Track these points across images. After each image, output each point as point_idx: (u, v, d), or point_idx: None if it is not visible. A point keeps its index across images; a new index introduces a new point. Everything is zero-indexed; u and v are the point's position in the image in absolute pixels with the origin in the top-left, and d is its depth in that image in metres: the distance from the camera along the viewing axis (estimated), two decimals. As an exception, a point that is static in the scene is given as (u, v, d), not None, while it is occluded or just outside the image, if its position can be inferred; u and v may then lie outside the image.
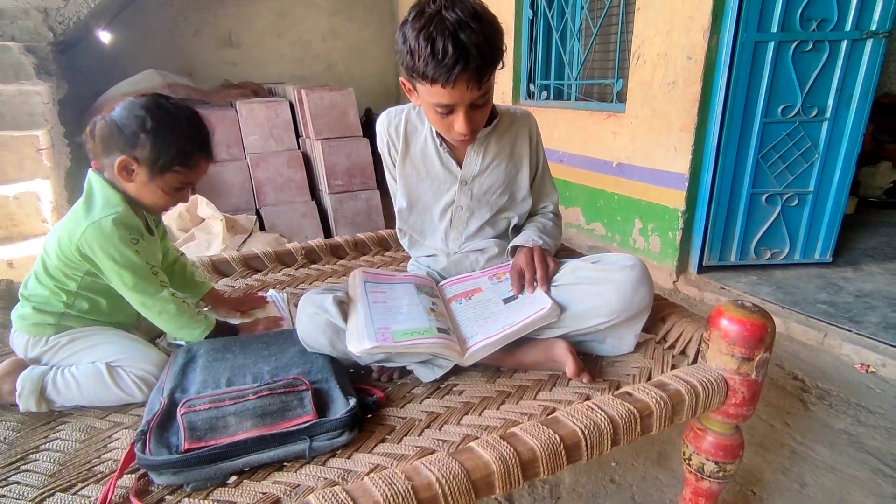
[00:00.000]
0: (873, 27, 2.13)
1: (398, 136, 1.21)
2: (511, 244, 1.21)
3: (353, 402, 0.87)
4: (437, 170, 1.21)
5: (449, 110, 0.99)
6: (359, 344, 0.92)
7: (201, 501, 0.73)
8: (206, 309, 1.30)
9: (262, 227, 3.05)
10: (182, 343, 1.11)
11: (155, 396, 0.91)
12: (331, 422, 0.83)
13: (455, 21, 0.88)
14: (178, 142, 1.01)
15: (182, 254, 1.29)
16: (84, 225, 0.96)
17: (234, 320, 1.23)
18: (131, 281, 0.99)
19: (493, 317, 1.05)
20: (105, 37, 3.99)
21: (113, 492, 0.73)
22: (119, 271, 0.98)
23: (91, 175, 1.02)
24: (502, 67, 1.00)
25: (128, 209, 1.00)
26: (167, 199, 1.06)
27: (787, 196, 2.39)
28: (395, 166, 1.24)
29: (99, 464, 0.82)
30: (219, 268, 1.56)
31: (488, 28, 0.91)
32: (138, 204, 1.04)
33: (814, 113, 2.25)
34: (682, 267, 2.57)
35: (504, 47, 0.98)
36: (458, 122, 1.00)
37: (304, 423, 0.82)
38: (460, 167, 1.20)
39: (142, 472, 0.77)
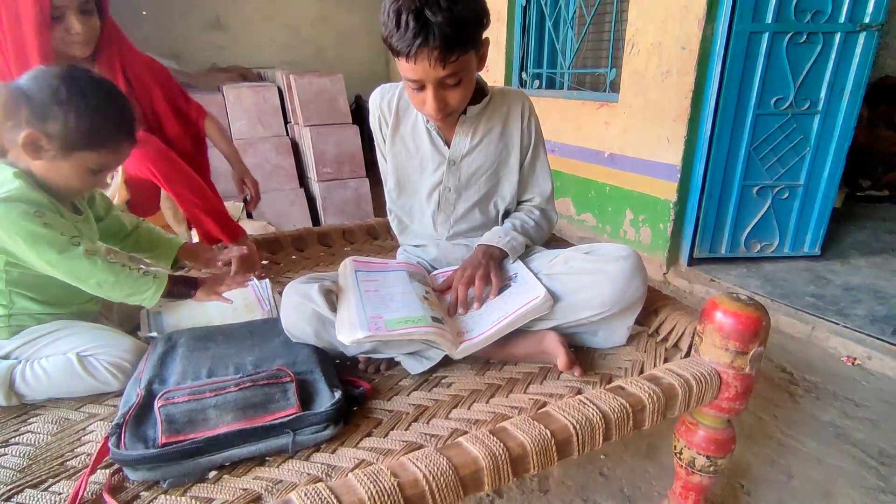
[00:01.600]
0: (867, 20, 2.12)
1: (390, 112, 1.19)
2: (478, 242, 1.17)
3: (338, 394, 0.84)
4: (426, 149, 1.18)
5: (419, 86, 0.98)
6: (350, 334, 0.89)
7: (178, 498, 0.70)
8: (185, 269, 1.24)
9: (249, 215, 3.00)
10: (155, 334, 1.08)
11: (132, 388, 0.87)
12: (315, 415, 0.80)
13: None
14: (95, 117, 0.90)
15: (141, 220, 1.23)
16: None
17: (206, 272, 1.18)
18: (49, 257, 0.89)
19: (486, 307, 1.03)
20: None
21: (85, 488, 0.69)
22: (32, 249, 0.88)
23: None
24: (477, 51, 0.99)
25: (27, 187, 0.90)
26: (80, 183, 0.96)
27: (777, 189, 2.39)
28: (385, 143, 1.22)
29: (72, 458, 0.78)
30: (202, 255, 1.52)
31: (461, 9, 0.90)
32: (47, 186, 0.94)
33: (806, 105, 2.25)
34: (672, 259, 2.56)
35: (480, 30, 0.97)
36: (428, 100, 0.99)
37: (288, 416, 0.79)
38: (449, 147, 1.17)
39: (116, 467, 0.74)
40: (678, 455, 1.03)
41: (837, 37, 2.14)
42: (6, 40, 1.17)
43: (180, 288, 1.02)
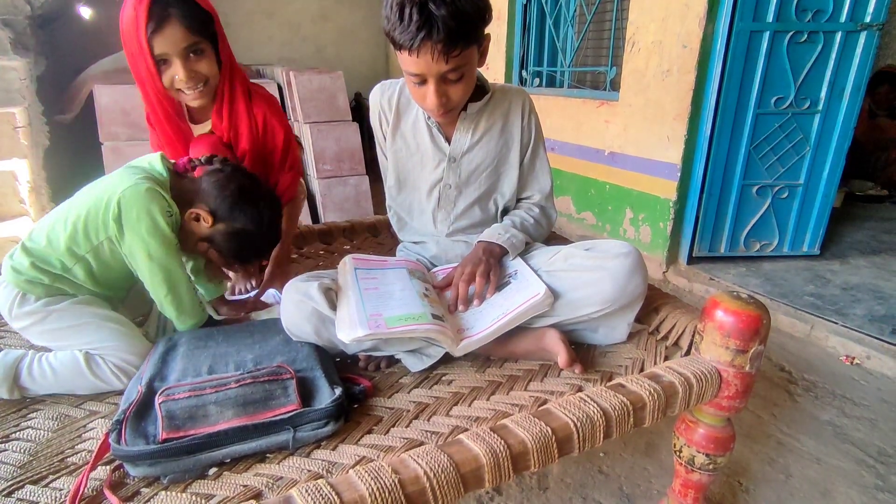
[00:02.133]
0: (867, 19, 2.12)
1: (390, 108, 1.19)
2: (478, 239, 1.17)
3: (338, 391, 0.84)
4: (427, 146, 1.18)
5: (421, 80, 0.98)
6: (350, 332, 0.89)
7: (179, 494, 0.70)
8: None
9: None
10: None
11: (133, 386, 0.88)
12: (315, 411, 0.80)
13: None
14: (244, 251, 1.06)
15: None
16: (129, 182, 0.92)
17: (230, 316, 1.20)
18: (154, 250, 0.95)
19: (486, 305, 1.03)
20: (86, 12, 3.86)
21: (86, 484, 0.69)
22: (150, 236, 0.93)
23: (156, 155, 1.02)
24: (479, 46, 0.99)
25: (166, 193, 0.96)
26: (188, 250, 1.05)
27: (777, 188, 2.39)
28: (385, 140, 1.22)
29: (72, 454, 0.78)
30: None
31: (464, 3, 0.90)
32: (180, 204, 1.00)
33: (806, 105, 2.25)
34: (672, 257, 2.56)
35: (482, 25, 0.97)
36: (429, 94, 0.99)
37: (288, 412, 0.79)
38: (450, 144, 1.17)
39: (117, 463, 0.74)
40: (678, 453, 1.03)
41: (838, 36, 2.14)
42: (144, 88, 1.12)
43: (205, 326, 1.09)
